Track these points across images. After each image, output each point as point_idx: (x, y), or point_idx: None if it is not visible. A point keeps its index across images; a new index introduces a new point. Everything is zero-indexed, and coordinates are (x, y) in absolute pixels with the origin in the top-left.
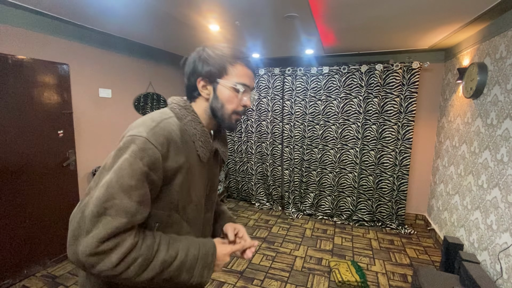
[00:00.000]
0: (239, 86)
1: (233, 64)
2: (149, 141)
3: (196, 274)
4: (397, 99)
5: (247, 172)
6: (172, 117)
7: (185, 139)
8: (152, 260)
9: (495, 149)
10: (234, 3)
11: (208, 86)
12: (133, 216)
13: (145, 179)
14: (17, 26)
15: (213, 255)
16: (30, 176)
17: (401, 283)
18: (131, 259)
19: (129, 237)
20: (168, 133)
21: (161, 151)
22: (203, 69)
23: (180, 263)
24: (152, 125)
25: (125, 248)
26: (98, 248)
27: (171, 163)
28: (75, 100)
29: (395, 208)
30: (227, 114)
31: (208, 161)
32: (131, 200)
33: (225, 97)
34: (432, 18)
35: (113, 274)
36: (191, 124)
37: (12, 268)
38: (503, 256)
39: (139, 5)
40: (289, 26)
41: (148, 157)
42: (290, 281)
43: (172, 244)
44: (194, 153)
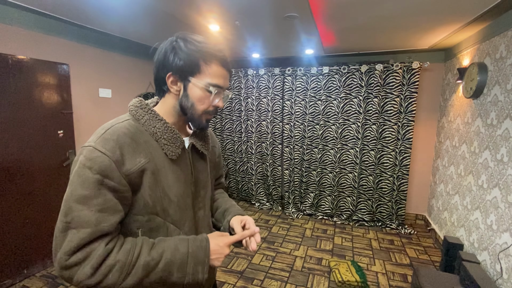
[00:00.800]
0: (212, 88)
1: (207, 62)
2: (96, 149)
3: (189, 272)
4: (397, 99)
5: (247, 172)
6: (127, 120)
7: (144, 139)
8: (133, 265)
9: (495, 149)
10: (234, 3)
11: (178, 83)
12: (97, 225)
13: (101, 187)
14: (17, 26)
15: (205, 249)
16: (30, 176)
17: (401, 283)
18: (107, 267)
19: (100, 245)
20: (117, 137)
21: (112, 157)
22: (174, 63)
23: (167, 263)
24: (101, 132)
25: (97, 257)
26: (68, 261)
27: (129, 166)
28: (75, 100)
29: (395, 208)
30: (197, 114)
31: (184, 157)
32: (90, 210)
33: (196, 97)
34: (432, 18)
35: (94, 284)
36: (150, 123)
37: (12, 268)
38: (503, 256)
39: (139, 5)
40: (289, 26)
41: (97, 165)
42: (290, 281)
43: (156, 246)
44: (160, 152)
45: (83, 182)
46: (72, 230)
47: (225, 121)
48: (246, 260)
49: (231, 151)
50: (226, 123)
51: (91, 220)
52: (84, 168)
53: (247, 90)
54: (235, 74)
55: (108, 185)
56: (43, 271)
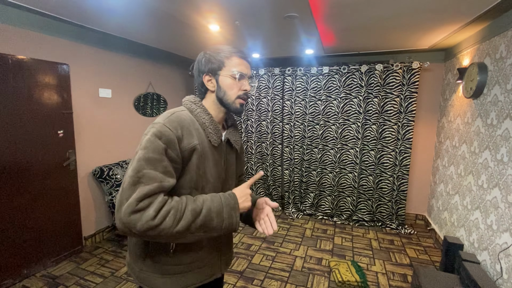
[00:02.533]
0: (235, 72)
1: (228, 57)
2: (165, 126)
3: (225, 216)
4: (397, 99)
5: (247, 172)
6: (185, 111)
7: (196, 126)
8: (183, 211)
9: (495, 149)
10: (234, 3)
11: (212, 80)
12: (161, 181)
13: (164, 154)
14: (17, 26)
15: (234, 198)
16: (30, 176)
17: (401, 283)
18: (165, 211)
19: (159, 196)
20: (180, 120)
21: (175, 134)
22: (206, 67)
23: (208, 210)
24: (168, 115)
25: (158, 203)
26: (136, 206)
27: (185, 144)
28: (75, 100)
29: (395, 208)
30: (231, 99)
31: (220, 147)
32: (157, 170)
33: (226, 85)
34: (432, 18)
35: (153, 226)
36: (201, 115)
37: (12, 268)
38: (503, 256)
39: (139, 5)
40: (289, 26)
41: (165, 137)
42: (290, 281)
43: (197, 198)
44: (205, 139)
45: (154, 148)
46: (142, 184)
47: None
48: (246, 260)
49: None
50: None
51: (158, 177)
52: (155, 137)
53: None
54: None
55: (170, 155)
56: (43, 271)
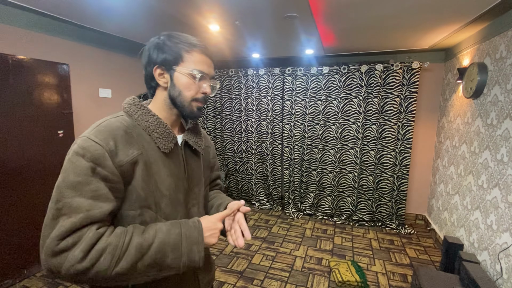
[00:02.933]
0: (196, 72)
1: (189, 51)
2: (89, 139)
3: (184, 251)
4: (397, 99)
5: (247, 172)
6: (121, 116)
7: (137, 132)
8: (126, 247)
9: (495, 149)
10: (234, 3)
11: (165, 74)
12: (89, 210)
13: (93, 175)
14: (17, 26)
15: (198, 229)
16: (30, 176)
17: (401, 283)
18: (99, 250)
19: (90, 229)
20: (112, 129)
21: (105, 147)
22: (158, 57)
23: (161, 244)
24: (95, 125)
25: (88, 240)
26: (57, 246)
27: (122, 157)
28: (75, 100)
29: (395, 208)
30: (186, 101)
31: (176, 153)
32: (82, 196)
33: (182, 84)
34: (432, 18)
35: (82, 270)
36: (143, 118)
37: (12, 268)
38: (503, 256)
39: (138, 5)
40: (289, 26)
41: (90, 153)
42: (290, 281)
43: (148, 229)
44: (153, 145)
45: (75, 168)
46: (63, 216)
47: (225, 121)
48: (246, 260)
49: (231, 151)
50: (226, 123)
51: (83, 206)
52: (77, 156)
53: (247, 90)
54: (235, 74)
55: (100, 173)
56: (43, 271)
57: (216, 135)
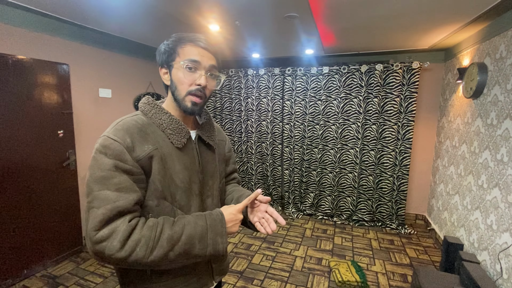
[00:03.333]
0: (186, 62)
1: (182, 46)
2: (108, 137)
3: (209, 242)
4: (397, 99)
5: (247, 172)
6: (137, 115)
7: (151, 130)
8: (158, 239)
9: (495, 149)
10: (234, 3)
11: (167, 73)
12: (116, 201)
13: (115, 170)
14: (17, 26)
15: (221, 221)
16: (30, 176)
17: (401, 283)
18: (134, 241)
19: (122, 222)
20: (127, 127)
21: (123, 143)
22: (160, 58)
23: (189, 236)
24: (113, 125)
25: (122, 232)
26: (95, 237)
27: (139, 153)
28: (75, 100)
29: (395, 208)
30: (181, 95)
31: (190, 147)
32: (108, 189)
33: (176, 78)
34: (432, 18)
35: (123, 257)
36: (156, 116)
37: (12, 268)
38: (503, 256)
39: (139, 5)
40: (289, 26)
41: (111, 150)
42: (290, 281)
43: (177, 221)
44: (167, 141)
45: (100, 165)
46: (94, 208)
47: (225, 121)
48: (246, 260)
49: None
50: (226, 123)
51: (110, 197)
52: (100, 154)
53: (247, 90)
54: (235, 74)
55: (122, 168)
56: (43, 271)
57: None
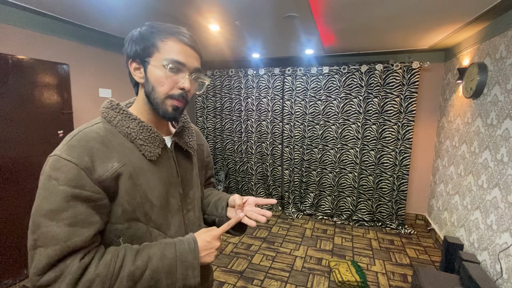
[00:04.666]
0: (169, 64)
1: (164, 39)
2: (61, 158)
3: (178, 277)
4: (397, 99)
5: (247, 172)
6: (98, 123)
7: (117, 141)
8: (116, 277)
9: (495, 149)
10: (234, 3)
11: (140, 69)
12: (66, 240)
13: (68, 199)
14: (17, 26)
15: (194, 251)
16: (30, 176)
17: (401, 283)
18: (86, 282)
19: (73, 261)
20: (85, 143)
21: (79, 164)
22: (131, 49)
23: (154, 271)
24: (67, 140)
25: (72, 274)
26: (39, 281)
27: (101, 172)
28: (75, 100)
29: (395, 208)
30: (160, 98)
31: (166, 156)
32: (58, 225)
33: (154, 78)
34: (432, 18)
35: None
36: (122, 124)
37: (12, 268)
38: (503, 256)
39: (139, 5)
40: (289, 26)
41: (63, 174)
42: (290, 281)
43: (141, 253)
44: (137, 153)
45: (49, 195)
46: (40, 248)
47: (225, 121)
48: (246, 260)
49: (231, 151)
50: (226, 123)
51: (59, 236)
52: (50, 179)
53: (247, 90)
54: (235, 74)
55: (79, 196)
56: None
57: (216, 135)
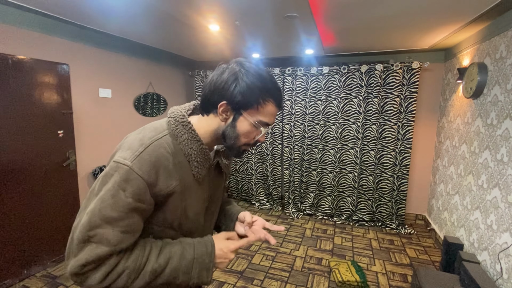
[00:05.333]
0: (262, 128)
1: (265, 101)
2: (133, 171)
3: (194, 276)
4: (397, 99)
5: (247, 172)
6: (166, 136)
7: (178, 160)
8: (141, 271)
9: (495, 149)
10: (234, 3)
11: (229, 114)
12: (116, 245)
13: (129, 211)
14: (17, 26)
15: (211, 255)
16: (30, 176)
17: (401, 283)
18: (116, 274)
19: (111, 258)
20: (156, 159)
21: (147, 180)
22: (233, 95)
23: (173, 269)
24: (140, 150)
25: (107, 266)
26: (81, 270)
27: (161, 188)
28: (75, 100)
29: (395, 208)
30: (238, 145)
31: (206, 177)
32: (114, 231)
33: (242, 131)
34: (432, 18)
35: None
36: (187, 144)
37: (12, 268)
38: (503, 256)
39: (139, 5)
40: (289, 26)
41: (132, 188)
42: (290, 281)
43: (163, 250)
44: (189, 173)
45: (115, 203)
46: (91, 244)
47: None
48: (246, 260)
49: None
50: None
51: (112, 240)
52: (118, 189)
53: None
54: None
55: (138, 209)
56: (43, 271)
57: None
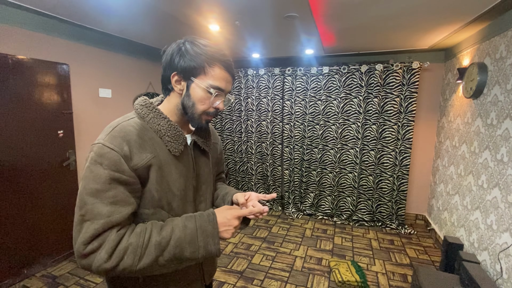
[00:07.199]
0: (213, 90)
1: (211, 65)
2: (105, 145)
3: (200, 245)
4: (397, 99)
5: (247, 172)
6: (133, 118)
7: (149, 136)
8: (146, 245)
9: (495, 149)
10: (234, 3)
11: (182, 82)
12: (109, 216)
13: (111, 181)
14: (17, 26)
15: (212, 222)
16: (30, 176)
17: (401, 283)
18: (121, 250)
19: (112, 232)
20: (124, 134)
21: (120, 152)
22: (179, 64)
23: (178, 240)
24: (109, 130)
25: (110, 242)
26: (85, 250)
27: (136, 161)
28: (75, 100)
29: (395, 208)
30: (197, 114)
31: (187, 153)
32: (102, 203)
33: (197, 97)
34: (432, 18)
35: (112, 267)
36: (154, 121)
37: (12, 268)
38: (503, 256)
39: (139, 5)
40: (289, 26)
41: (107, 160)
42: (290, 281)
43: (165, 226)
44: (164, 148)
45: (95, 177)
46: (87, 222)
47: (225, 121)
48: (246, 260)
49: (231, 151)
50: (226, 123)
51: (103, 212)
52: (95, 164)
53: (247, 90)
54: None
55: (119, 179)
56: (43, 271)
57: None
